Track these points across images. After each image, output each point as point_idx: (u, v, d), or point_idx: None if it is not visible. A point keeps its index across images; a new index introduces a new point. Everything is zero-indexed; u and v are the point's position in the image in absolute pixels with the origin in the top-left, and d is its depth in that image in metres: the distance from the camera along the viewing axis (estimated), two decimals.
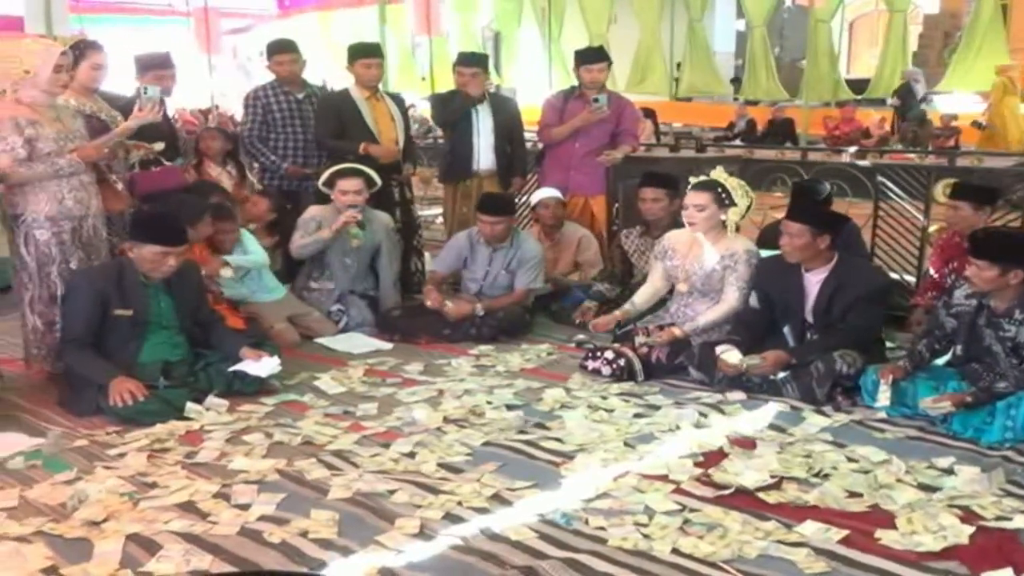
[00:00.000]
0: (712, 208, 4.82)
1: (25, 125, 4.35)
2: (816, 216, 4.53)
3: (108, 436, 4.01)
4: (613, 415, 4.24)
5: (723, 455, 3.76)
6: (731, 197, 4.79)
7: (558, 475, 3.58)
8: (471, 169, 6.48)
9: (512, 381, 4.73)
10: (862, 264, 4.72)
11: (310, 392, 4.59)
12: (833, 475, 3.55)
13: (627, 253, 5.84)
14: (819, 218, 4.52)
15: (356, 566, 2.91)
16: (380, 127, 6.20)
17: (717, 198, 4.81)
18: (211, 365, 4.52)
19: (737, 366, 4.42)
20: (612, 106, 6.35)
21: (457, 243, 5.87)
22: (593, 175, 6.46)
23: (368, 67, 6.19)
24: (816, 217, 4.51)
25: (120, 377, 4.18)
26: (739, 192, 4.82)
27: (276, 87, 6.27)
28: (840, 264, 4.52)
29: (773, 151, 9.05)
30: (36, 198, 4.45)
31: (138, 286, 4.36)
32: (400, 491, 3.42)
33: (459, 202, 6.56)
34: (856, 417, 4.18)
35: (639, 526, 3.16)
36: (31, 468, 3.67)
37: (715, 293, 4.90)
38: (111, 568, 2.89)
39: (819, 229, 4.43)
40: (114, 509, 3.28)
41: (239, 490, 3.44)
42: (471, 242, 5.78)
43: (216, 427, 4.10)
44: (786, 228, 4.50)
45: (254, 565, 2.91)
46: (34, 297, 4.55)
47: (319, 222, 5.71)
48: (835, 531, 3.09)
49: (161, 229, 4.35)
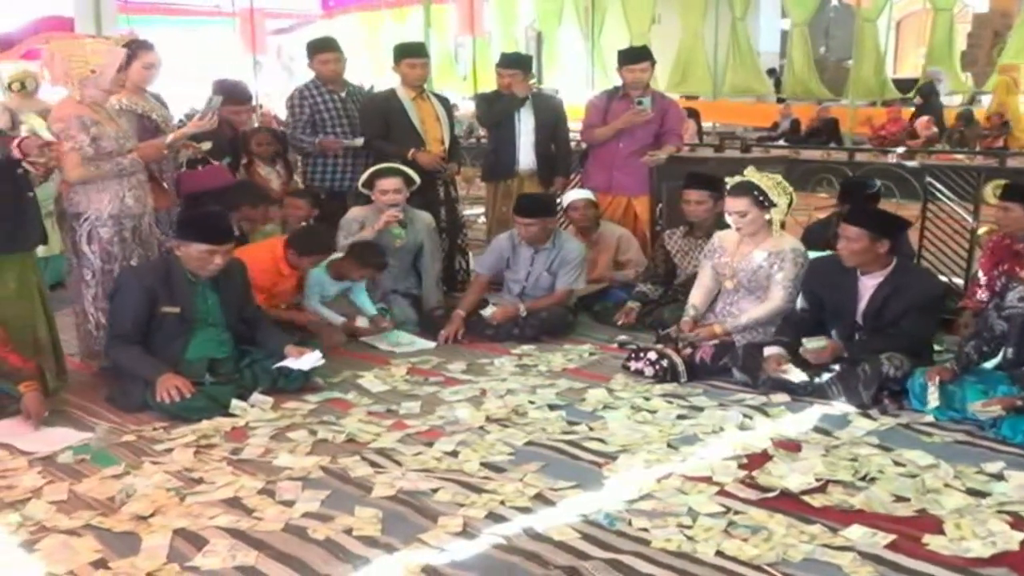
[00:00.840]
0: (754, 212, 4.78)
1: (90, 124, 4.41)
2: (875, 221, 4.45)
3: (155, 432, 4.06)
4: (656, 416, 4.22)
5: (767, 457, 3.73)
6: (768, 198, 4.75)
7: (601, 476, 3.57)
8: (512, 169, 6.49)
9: (554, 381, 4.73)
10: (920, 271, 4.65)
11: (353, 390, 4.62)
12: (879, 479, 3.50)
13: (671, 254, 5.82)
14: (878, 223, 4.43)
15: (399, 563, 2.92)
16: (426, 127, 6.23)
17: (755, 201, 4.77)
18: (256, 362, 4.56)
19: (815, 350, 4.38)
20: (656, 106, 6.34)
21: (499, 244, 5.88)
22: (637, 175, 6.44)
23: (413, 67, 6.21)
24: (875, 222, 4.43)
25: (167, 374, 4.23)
26: (776, 191, 4.77)
27: (320, 86, 6.27)
28: (898, 269, 4.45)
29: (819, 151, 8.98)
30: (99, 197, 4.51)
31: (185, 284, 4.41)
32: (443, 490, 3.43)
33: (500, 201, 6.58)
34: (903, 421, 4.13)
35: (682, 528, 3.14)
36: (80, 462, 3.73)
37: (761, 291, 4.86)
38: (158, 562, 2.93)
39: (877, 234, 4.36)
40: (161, 504, 3.32)
41: (284, 487, 3.47)
42: (513, 243, 5.78)
43: (261, 424, 4.14)
44: (844, 232, 4.44)
45: (299, 561, 2.93)
46: (97, 295, 4.61)
47: (361, 222, 5.74)
48: (882, 536, 3.06)
49: (207, 228, 4.39)
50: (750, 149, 9.27)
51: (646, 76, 6.38)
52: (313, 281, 5.44)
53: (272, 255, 5.19)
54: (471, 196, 9.19)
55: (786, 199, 4.80)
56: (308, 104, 6.23)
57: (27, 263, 4.46)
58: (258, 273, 4.97)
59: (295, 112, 6.28)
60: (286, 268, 5.20)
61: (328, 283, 5.51)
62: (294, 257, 5.17)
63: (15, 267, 4.38)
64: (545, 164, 6.56)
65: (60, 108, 4.49)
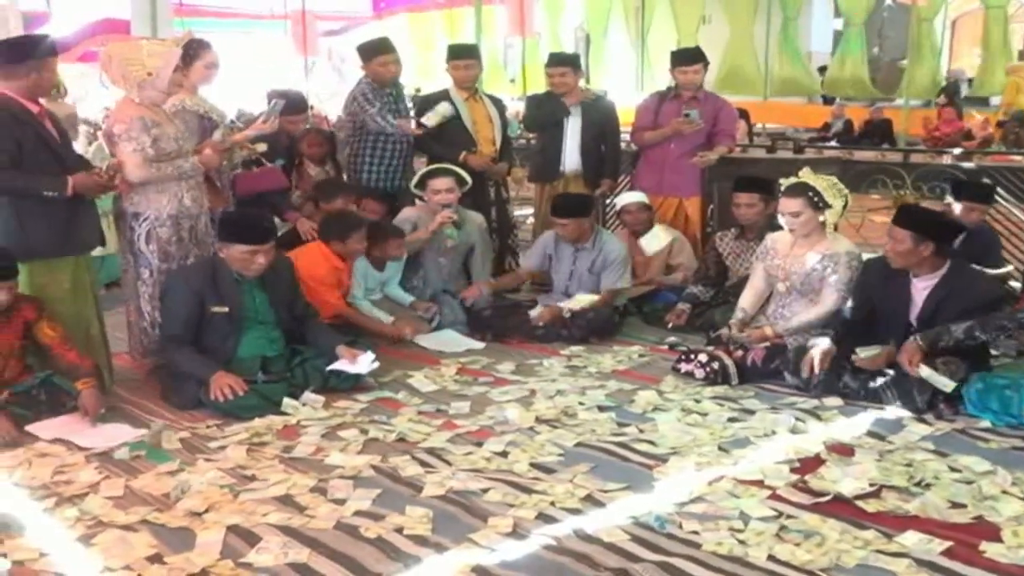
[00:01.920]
0: (807, 213, 4.73)
1: (151, 125, 4.48)
2: (921, 222, 4.38)
3: (209, 429, 4.11)
4: (707, 418, 4.19)
5: (820, 462, 3.69)
6: (823, 199, 4.70)
7: (651, 478, 3.56)
8: (558, 170, 6.49)
9: (604, 382, 4.72)
10: (975, 273, 4.52)
11: (404, 390, 4.64)
12: (935, 485, 3.45)
13: (722, 256, 5.78)
14: (924, 225, 4.35)
15: (450, 563, 2.93)
16: (478, 128, 6.26)
17: (810, 202, 4.72)
18: (307, 361, 4.60)
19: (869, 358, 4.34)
20: (709, 106, 6.31)
21: (542, 242, 5.93)
22: (688, 176, 6.40)
23: (464, 68, 6.24)
24: (921, 223, 4.36)
25: (220, 372, 4.29)
26: (831, 192, 4.72)
27: (375, 88, 6.16)
28: (952, 272, 4.37)
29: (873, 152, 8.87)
30: (158, 197, 4.57)
31: (232, 283, 4.46)
32: (493, 490, 3.44)
33: (546, 203, 6.58)
34: (959, 426, 4.07)
35: (734, 532, 3.11)
36: (136, 459, 3.78)
37: (814, 294, 4.81)
38: (212, 558, 2.96)
39: (921, 236, 4.29)
40: (215, 500, 3.36)
41: (335, 485, 3.49)
42: (556, 241, 5.79)
43: (312, 422, 4.18)
44: (891, 233, 4.39)
45: (351, 560, 2.95)
46: (154, 294, 4.66)
47: (414, 223, 5.78)
48: (937, 542, 3.01)
49: (247, 228, 4.44)
50: (803, 150, 9.17)
51: (698, 78, 6.35)
52: (358, 275, 5.49)
53: (319, 250, 5.27)
54: (520, 197, 9.19)
55: (841, 201, 4.74)
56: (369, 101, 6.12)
57: (81, 264, 4.52)
58: (319, 271, 5.10)
59: (371, 100, 6.08)
60: (337, 260, 5.27)
61: (370, 272, 5.56)
62: (337, 245, 5.24)
63: (69, 267, 4.44)
64: (592, 166, 6.54)
65: (120, 110, 4.55)
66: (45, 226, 4.25)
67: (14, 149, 4.11)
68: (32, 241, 4.22)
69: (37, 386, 4.19)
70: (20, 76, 4.15)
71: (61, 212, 4.28)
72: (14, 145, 4.11)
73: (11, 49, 4.21)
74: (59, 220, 4.28)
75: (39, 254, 4.23)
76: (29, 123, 4.18)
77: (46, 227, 4.25)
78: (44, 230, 4.25)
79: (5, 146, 4.10)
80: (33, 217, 4.22)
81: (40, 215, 4.22)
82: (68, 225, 4.32)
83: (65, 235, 4.33)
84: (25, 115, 4.18)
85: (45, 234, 4.26)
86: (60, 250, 4.35)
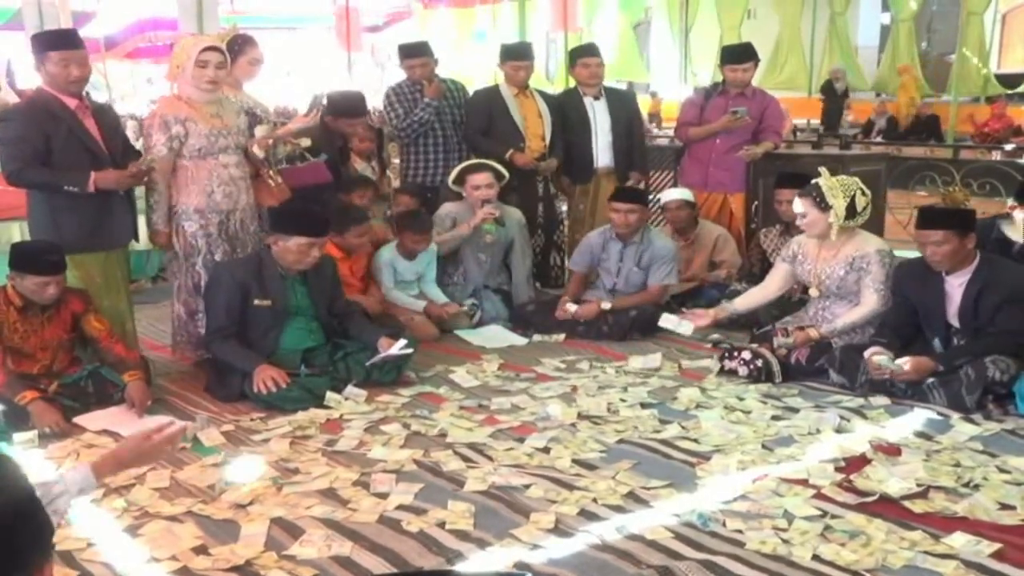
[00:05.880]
0: (813, 213, 4.66)
1: (173, 123, 4.51)
2: (954, 218, 4.31)
3: (252, 422, 4.15)
4: (750, 416, 4.16)
5: (866, 461, 3.64)
6: (824, 199, 4.63)
7: (694, 475, 3.53)
8: (591, 168, 6.44)
9: (646, 379, 4.70)
10: (1006, 263, 4.43)
11: (445, 384, 4.65)
12: (984, 486, 3.39)
13: (766, 253, 5.73)
14: (955, 220, 4.28)
15: (492, 558, 2.93)
16: (528, 123, 6.26)
17: (815, 203, 4.65)
18: (350, 355, 4.63)
19: (882, 368, 4.28)
20: (756, 103, 6.25)
21: (589, 242, 5.85)
22: (733, 172, 6.35)
23: (517, 69, 6.27)
24: (954, 219, 4.29)
25: (263, 365, 4.32)
26: (834, 192, 4.61)
27: (413, 87, 6.23)
28: (983, 265, 4.29)
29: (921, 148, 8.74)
30: (187, 191, 4.62)
31: (276, 277, 4.50)
32: (535, 486, 3.43)
33: (577, 199, 6.54)
34: (1008, 426, 3.99)
35: (778, 530, 3.08)
36: (181, 450, 3.79)
37: (853, 296, 4.75)
38: (257, 550, 2.98)
39: (962, 230, 4.22)
40: (259, 493, 3.38)
41: (378, 479, 3.50)
42: (603, 239, 5.75)
43: (355, 416, 4.20)
44: (925, 238, 4.26)
45: (393, 553, 2.96)
46: (180, 286, 4.74)
47: (454, 218, 5.79)
48: (986, 544, 2.96)
49: (305, 221, 4.47)
50: (849, 146, 9.06)
51: (748, 76, 6.30)
52: (383, 264, 5.51)
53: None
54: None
55: (844, 202, 4.61)
56: (407, 99, 6.21)
57: (112, 259, 4.57)
58: None
59: (393, 105, 6.25)
60: (336, 251, 5.23)
61: (400, 264, 5.57)
62: (336, 238, 5.19)
63: (99, 262, 4.50)
64: (623, 160, 6.50)
65: (157, 106, 4.63)
66: (76, 221, 4.32)
67: (41, 143, 4.18)
68: (63, 235, 4.28)
69: (85, 378, 4.25)
70: (41, 71, 4.26)
71: (91, 207, 4.34)
72: (42, 140, 4.18)
73: (30, 46, 4.34)
74: (89, 215, 4.35)
75: (68, 248, 4.23)
76: (63, 118, 4.24)
77: (76, 222, 4.32)
78: (75, 225, 4.32)
79: (31, 140, 4.16)
80: (65, 212, 4.28)
81: (71, 209, 4.29)
82: (98, 220, 4.39)
83: (95, 230, 4.39)
84: (61, 110, 4.24)
85: (76, 229, 4.32)
86: (89, 245, 4.40)
